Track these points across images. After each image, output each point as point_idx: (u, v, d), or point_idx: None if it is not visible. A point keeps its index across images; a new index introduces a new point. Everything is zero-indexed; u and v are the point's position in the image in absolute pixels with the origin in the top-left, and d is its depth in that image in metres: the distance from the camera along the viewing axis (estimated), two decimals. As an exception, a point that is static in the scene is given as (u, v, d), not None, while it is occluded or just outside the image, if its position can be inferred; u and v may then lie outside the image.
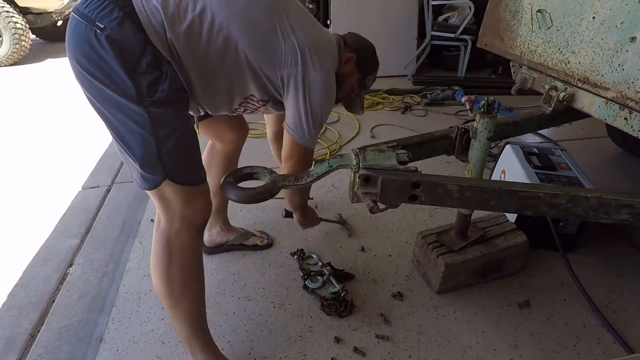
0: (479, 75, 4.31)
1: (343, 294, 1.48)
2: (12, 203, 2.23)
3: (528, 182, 1.65)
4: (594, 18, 1.25)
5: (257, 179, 1.05)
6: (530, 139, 2.84)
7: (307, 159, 1.20)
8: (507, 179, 1.88)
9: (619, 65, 1.18)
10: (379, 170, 1.03)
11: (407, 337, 1.36)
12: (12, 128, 3.29)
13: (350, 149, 1.09)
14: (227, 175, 1.03)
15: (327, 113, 1.17)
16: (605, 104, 1.27)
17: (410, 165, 1.07)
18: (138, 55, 0.89)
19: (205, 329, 1.19)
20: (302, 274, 1.59)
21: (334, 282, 1.54)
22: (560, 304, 1.48)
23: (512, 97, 2.25)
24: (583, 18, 1.29)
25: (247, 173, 1.05)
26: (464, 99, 3.33)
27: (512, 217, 1.68)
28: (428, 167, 2.26)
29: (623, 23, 1.16)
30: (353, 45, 1.29)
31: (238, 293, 1.54)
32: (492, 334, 1.37)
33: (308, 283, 1.54)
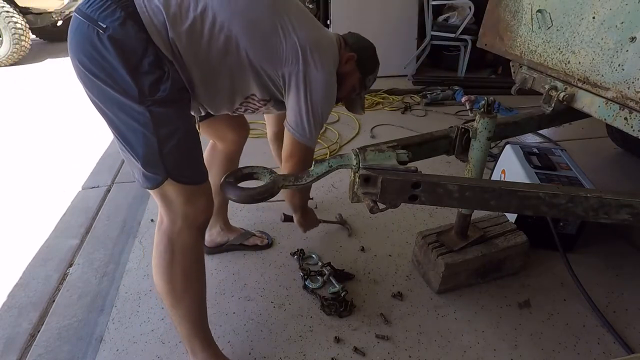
0: (479, 75, 4.31)
1: (343, 294, 1.48)
2: (12, 203, 2.23)
3: (528, 182, 1.65)
4: (594, 18, 1.25)
5: (257, 179, 1.05)
6: (530, 139, 2.84)
7: (307, 159, 1.20)
8: (507, 179, 1.88)
9: (619, 65, 1.18)
10: (379, 170, 1.03)
11: (407, 337, 1.36)
12: (12, 128, 3.29)
13: (350, 149, 1.09)
14: (227, 175, 1.03)
15: (328, 112, 1.17)
16: (605, 104, 1.27)
17: (410, 165, 1.07)
18: (140, 55, 0.89)
19: (206, 328, 1.20)
20: (302, 274, 1.59)
21: (334, 282, 1.54)
22: (560, 304, 1.48)
23: (512, 97, 2.25)
24: (583, 18, 1.29)
25: (247, 173, 1.05)
26: (464, 99, 3.33)
27: (512, 217, 1.68)
28: (428, 167, 2.26)
29: (623, 23, 1.16)
30: (353, 45, 1.29)
31: (238, 293, 1.54)
32: (492, 334, 1.37)
33: (308, 283, 1.55)
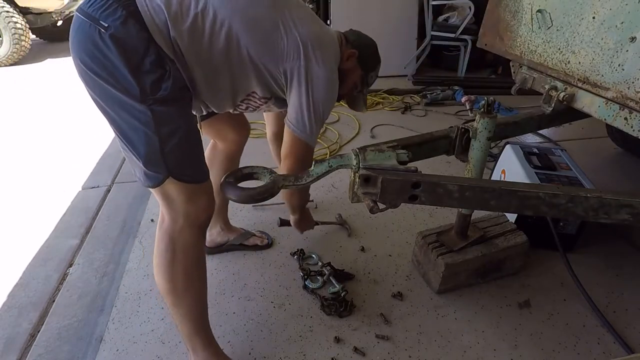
0: (479, 75, 4.31)
1: (343, 294, 1.48)
2: (12, 203, 2.23)
3: (528, 182, 1.65)
4: (594, 18, 1.25)
5: (257, 179, 1.05)
6: (530, 139, 2.84)
7: (307, 157, 1.19)
8: (507, 179, 1.88)
9: (619, 65, 1.18)
10: (379, 170, 1.03)
11: (407, 337, 1.36)
12: (12, 128, 3.29)
13: (350, 149, 1.09)
14: (227, 175, 1.03)
15: (329, 109, 1.17)
16: (605, 104, 1.26)
17: (410, 165, 1.07)
18: (142, 54, 0.89)
19: (207, 327, 1.19)
20: (302, 274, 1.59)
21: (334, 282, 1.54)
22: (560, 304, 1.48)
23: (512, 97, 2.25)
24: (583, 18, 1.29)
25: (247, 173, 1.05)
26: (464, 99, 3.33)
27: (512, 217, 1.68)
28: (428, 167, 2.26)
29: (623, 23, 1.15)
30: (355, 42, 1.29)
31: (238, 293, 1.54)
32: (492, 334, 1.37)
33: (308, 283, 1.54)
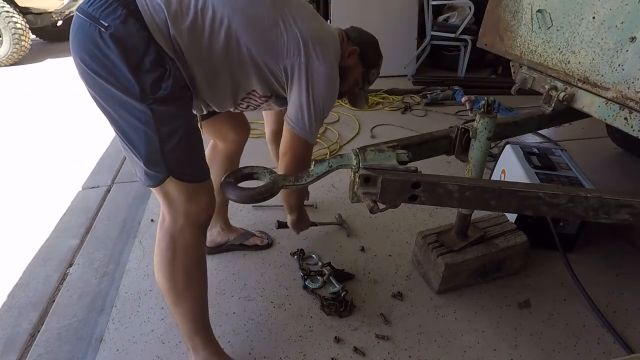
0: (479, 75, 4.31)
1: (343, 294, 1.48)
2: (12, 203, 2.23)
3: (528, 182, 1.65)
4: (594, 18, 1.25)
5: (257, 179, 1.05)
6: (530, 139, 2.84)
7: (305, 155, 1.18)
8: (507, 179, 1.88)
9: (619, 65, 1.18)
10: (379, 170, 1.03)
11: (407, 337, 1.36)
12: (12, 128, 3.29)
13: (350, 149, 1.09)
14: (227, 175, 1.03)
15: (329, 106, 1.16)
16: (605, 104, 1.26)
17: (410, 165, 1.07)
18: (142, 53, 0.89)
19: (207, 326, 1.20)
20: (302, 274, 1.59)
21: (334, 282, 1.54)
22: (560, 304, 1.48)
23: (512, 97, 2.25)
24: (583, 18, 1.29)
25: (247, 173, 1.05)
26: (464, 99, 3.33)
27: (512, 217, 1.68)
28: (428, 167, 2.26)
29: (623, 23, 1.15)
30: (356, 39, 1.28)
31: (238, 293, 1.54)
32: (492, 334, 1.37)
33: (308, 283, 1.54)
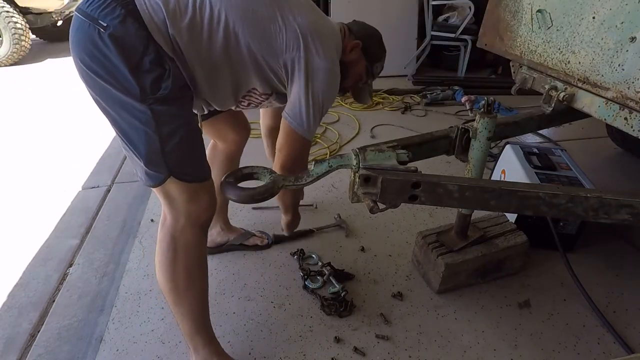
0: (479, 75, 4.31)
1: (343, 294, 1.48)
2: (12, 203, 2.23)
3: (528, 182, 1.65)
4: (594, 18, 1.25)
5: (257, 179, 1.05)
6: (530, 139, 2.84)
7: (302, 152, 1.16)
8: (507, 179, 1.88)
9: (619, 65, 1.18)
10: (379, 170, 1.03)
11: (407, 337, 1.36)
12: (12, 128, 3.29)
13: (350, 149, 1.09)
14: (227, 175, 1.03)
15: (329, 103, 1.13)
16: (605, 104, 1.26)
17: (410, 165, 1.07)
18: (141, 53, 0.89)
19: (208, 326, 1.20)
20: (302, 274, 1.59)
21: (334, 282, 1.54)
22: (560, 304, 1.48)
23: (512, 97, 2.25)
24: (583, 18, 1.29)
25: (247, 173, 1.05)
26: (464, 99, 3.33)
27: (512, 217, 1.68)
28: (428, 167, 2.26)
29: (623, 23, 1.15)
30: (358, 33, 1.26)
31: (238, 293, 1.54)
32: (492, 334, 1.37)
33: (308, 283, 1.54)
